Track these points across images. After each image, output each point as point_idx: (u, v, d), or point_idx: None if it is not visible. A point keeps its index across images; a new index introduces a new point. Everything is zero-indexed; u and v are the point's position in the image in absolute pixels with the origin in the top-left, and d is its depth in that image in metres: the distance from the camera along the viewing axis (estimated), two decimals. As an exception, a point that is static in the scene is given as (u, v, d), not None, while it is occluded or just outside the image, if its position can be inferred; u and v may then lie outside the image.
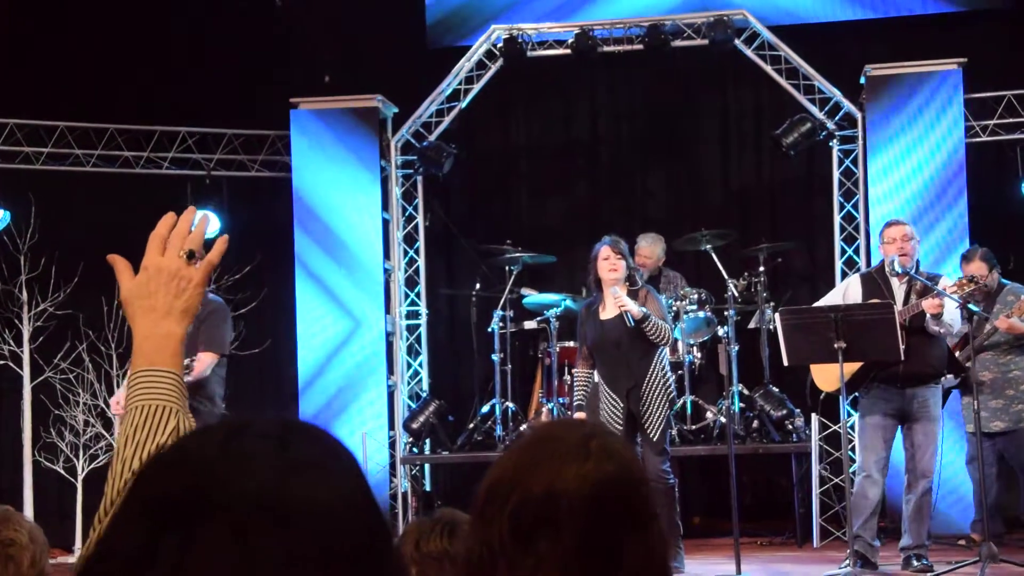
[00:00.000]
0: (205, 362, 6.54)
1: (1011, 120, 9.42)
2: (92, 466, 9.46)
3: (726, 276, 8.98)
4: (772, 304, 8.91)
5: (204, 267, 1.81)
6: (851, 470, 7.36)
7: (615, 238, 7.33)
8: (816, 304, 7.42)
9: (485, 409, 9.34)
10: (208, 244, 1.90)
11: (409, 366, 9.93)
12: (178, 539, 1.04)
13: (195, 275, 1.80)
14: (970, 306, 6.99)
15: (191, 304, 1.79)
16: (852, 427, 7.71)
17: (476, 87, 9.83)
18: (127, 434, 1.66)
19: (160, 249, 1.80)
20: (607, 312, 7.22)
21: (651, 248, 9.26)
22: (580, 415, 7.34)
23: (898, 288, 7.19)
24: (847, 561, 6.98)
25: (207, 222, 1.87)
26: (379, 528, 1.12)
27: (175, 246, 1.80)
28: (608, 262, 7.17)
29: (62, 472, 9.54)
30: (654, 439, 7.14)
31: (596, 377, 7.39)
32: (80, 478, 9.49)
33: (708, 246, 9.23)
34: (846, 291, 7.37)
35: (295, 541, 1.05)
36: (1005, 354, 7.96)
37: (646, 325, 7.05)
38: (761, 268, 9.09)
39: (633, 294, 7.19)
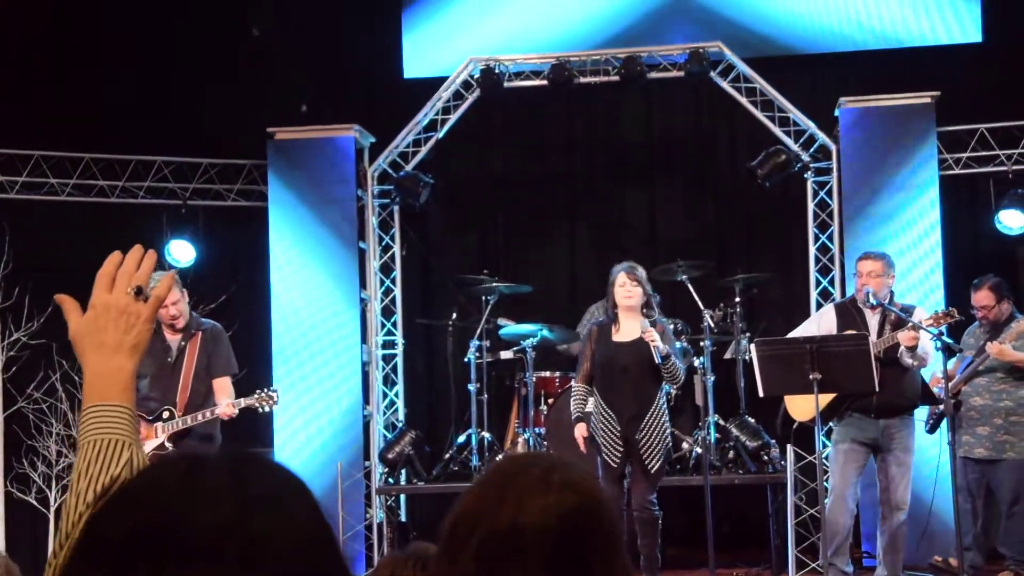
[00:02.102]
0: (227, 388, 6.87)
1: (984, 153, 9.49)
2: (65, 497, 9.37)
3: (702, 307, 8.99)
4: (748, 335, 8.93)
5: (152, 302, 1.83)
6: (826, 501, 7.36)
7: (632, 264, 7.37)
8: (791, 334, 7.45)
9: (461, 439, 9.31)
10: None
11: (385, 396, 9.90)
12: (143, 575, 1.04)
13: (143, 311, 1.82)
14: (945, 339, 7.03)
15: (140, 339, 1.81)
16: (827, 458, 7.72)
17: (453, 117, 9.86)
18: (80, 468, 1.67)
19: (108, 287, 1.83)
20: (621, 335, 7.23)
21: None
22: (581, 426, 7.31)
23: (872, 319, 7.23)
24: (822, 592, 6.99)
25: (154, 258, 1.90)
26: (335, 558, 1.12)
27: (122, 283, 1.83)
28: (624, 289, 7.21)
29: (34, 503, 9.47)
30: (652, 471, 7.12)
31: (591, 403, 7.36)
32: (52, 509, 9.42)
33: (684, 277, 9.24)
34: (820, 321, 7.41)
35: (259, 574, 1.05)
36: (1000, 382, 8.00)
37: (667, 364, 7.07)
38: (737, 299, 9.11)
39: (651, 326, 7.18)
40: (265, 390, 7.09)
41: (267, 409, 7.09)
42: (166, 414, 6.93)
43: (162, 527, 1.05)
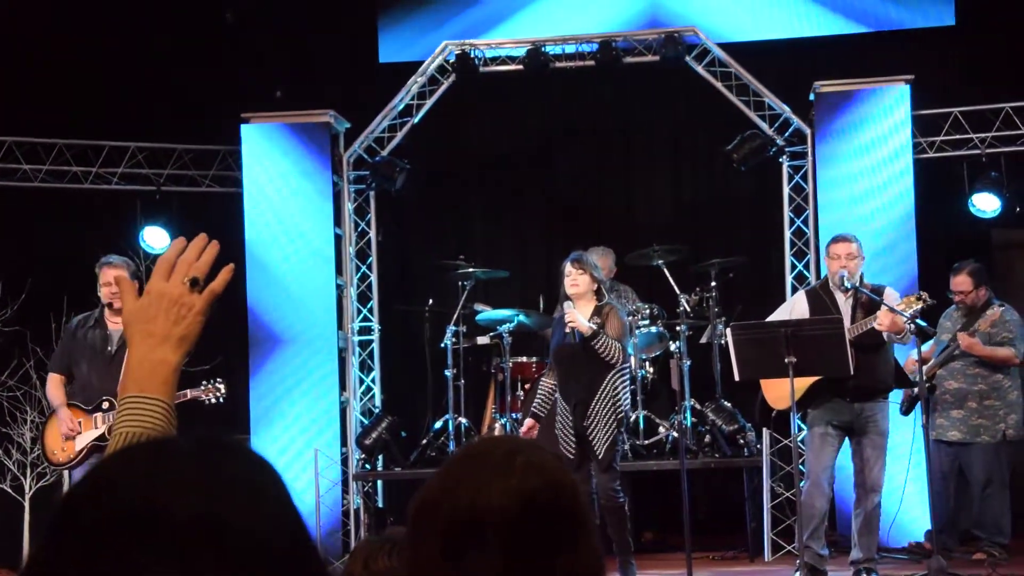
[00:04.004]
0: None
1: (958, 136, 9.53)
2: (39, 484, 9.34)
3: (678, 291, 9.02)
4: (724, 319, 8.95)
5: (206, 296, 1.80)
6: (802, 484, 7.40)
7: (580, 253, 7.45)
8: (765, 321, 7.46)
9: (438, 425, 9.31)
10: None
11: (362, 382, 9.89)
12: (115, 564, 1.03)
13: (197, 303, 1.79)
14: (918, 322, 7.05)
15: (190, 332, 1.78)
16: (803, 441, 7.76)
17: (428, 102, 9.83)
18: None
19: (166, 274, 1.79)
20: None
21: (602, 259, 9.26)
22: (528, 422, 7.44)
23: (844, 303, 7.25)
24: (798, 573, 7.02)
25: (216, 249, 1.84)
26: (306, 544, 1.12)
27: (180, 272, 1.79)
28: (570, 278, 7.27)
29: (9, 491, 9.42)
30: (599, 456, 7.15)
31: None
32: (27, 496, 9.38)
33: (660, 261, 9.26)
34: (793, 308, 7.42)
35: (231, 561, 1.04)
36: (974, 366, 8.04)
37: (596, 343, 7.08)
38: (713, 283, 9.13)
39: (598, 310, 7.21)
40: (212, 381, 6.96)
41: (212, 401, 6.93)
42: (106, 404, 6.83)
43: (132, 513, 1.05)
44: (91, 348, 6.94)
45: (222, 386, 6.95)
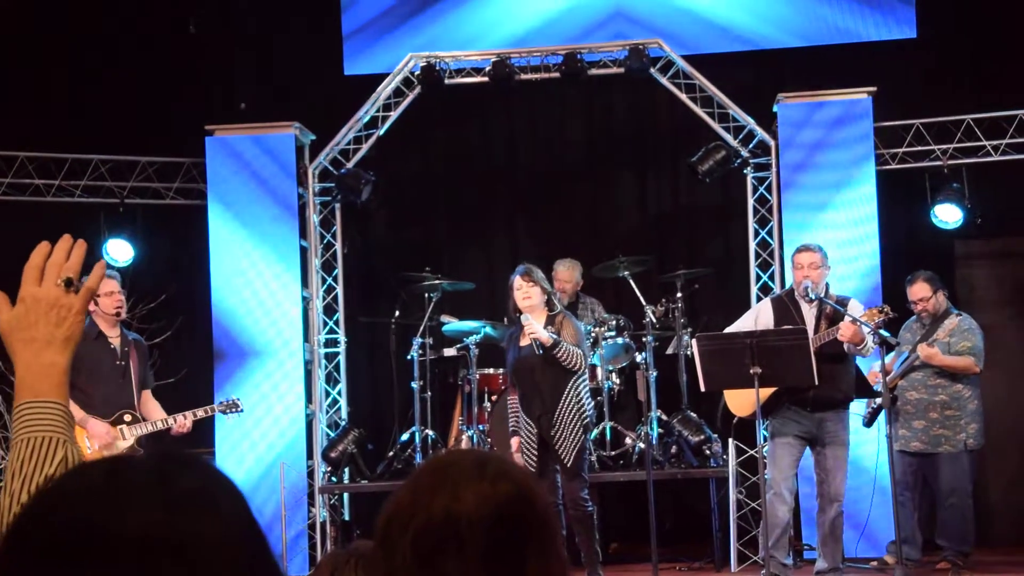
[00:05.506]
0: (155, 400, 7.05)
1: (920, 148, 9.61)
2: None
3: (644, 302, 9.04)
4: (689, 330, 8.98)
5: (83, 294, 1.79)
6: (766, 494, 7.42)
7: (528, 266, 7.43)
8: (728, 329, 7.49)
9: (405, 437, 9.30)
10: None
11: (328, 395, 9.85)
12: None
13: (75, 303, 1.77)
14: (882, 332, 7.10)
15: (73, 332, 1.76)
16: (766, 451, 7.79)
17: (394, 114, 9.83)
18: (13, 468, 1.64)
19: (36, 279, 1.77)
20: (525, 339, 7.28)
21: (569, 272, 9.32)
22: (515, 440, 7.44)
23: (808, 312, 7.29)
24: (763, 583, 7.05)
25: (84, 248, 1.83)
26: (264, 555, 1.11)
27: (52, 275, 1.78)
28: (520, 291, 7.28)
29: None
30: (568, 464, 7.17)
31: None
32: None
33: (626, 272, 9.29)
34: (758, 316, 7.46)
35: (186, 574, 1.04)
36: (935, 376, 8.09)
37: (557, 352, 7.10)
38: (678, 294, 9.16)
39: (551, 319, 7.24)
40: (229, 399, 7.44)
41: (232, 416, 7.40)
42: (128, 417, 6.91)
43: (88, 527, 1.04)
44: (97, 362, 6.92)
45: (239, 402, 7.48)
